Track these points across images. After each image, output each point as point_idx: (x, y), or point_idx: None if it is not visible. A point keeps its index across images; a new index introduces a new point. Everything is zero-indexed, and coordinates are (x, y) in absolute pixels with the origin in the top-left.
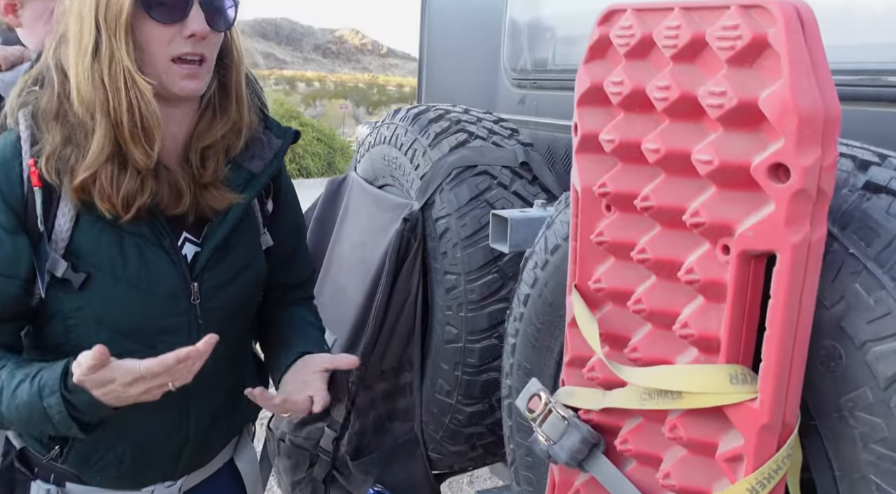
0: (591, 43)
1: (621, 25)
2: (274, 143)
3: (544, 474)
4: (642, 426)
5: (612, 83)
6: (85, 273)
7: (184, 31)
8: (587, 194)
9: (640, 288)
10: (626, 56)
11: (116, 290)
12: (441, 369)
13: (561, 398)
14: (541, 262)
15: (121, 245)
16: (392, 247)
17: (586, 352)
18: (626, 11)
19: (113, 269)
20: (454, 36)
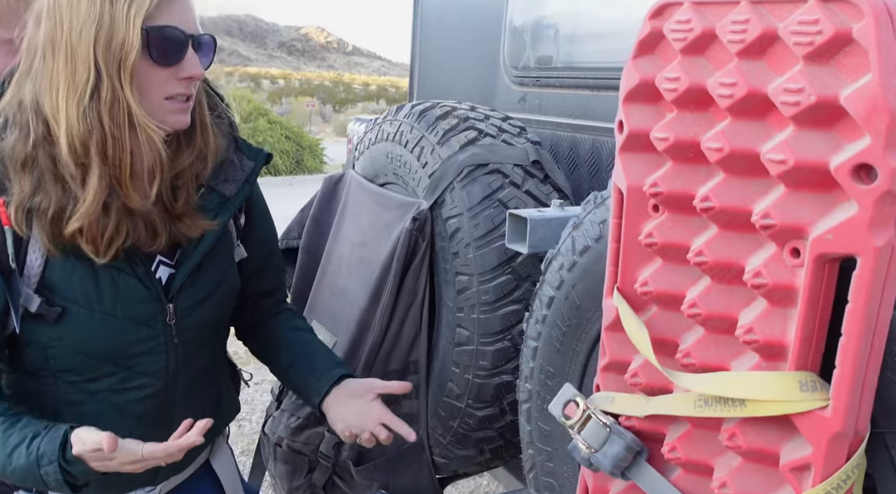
0: (641, 37)
1: (677, 19)
2: (246, 165)
3: (567, 480)
4: (691, 433)
5: (667, 79)
6: (60, 306)
7: (180, 73)
8: (633, 194)
9: (694, 291)
10: (683, 51)
11: (93, 320)
12: (451, 372)
13: (599, 404)
14: (568, 264)
15: (94, 277)
16: (400, 247)
17: (625, 357)
18: (683, 5)
19: (88, 301)
20: (449, 34)
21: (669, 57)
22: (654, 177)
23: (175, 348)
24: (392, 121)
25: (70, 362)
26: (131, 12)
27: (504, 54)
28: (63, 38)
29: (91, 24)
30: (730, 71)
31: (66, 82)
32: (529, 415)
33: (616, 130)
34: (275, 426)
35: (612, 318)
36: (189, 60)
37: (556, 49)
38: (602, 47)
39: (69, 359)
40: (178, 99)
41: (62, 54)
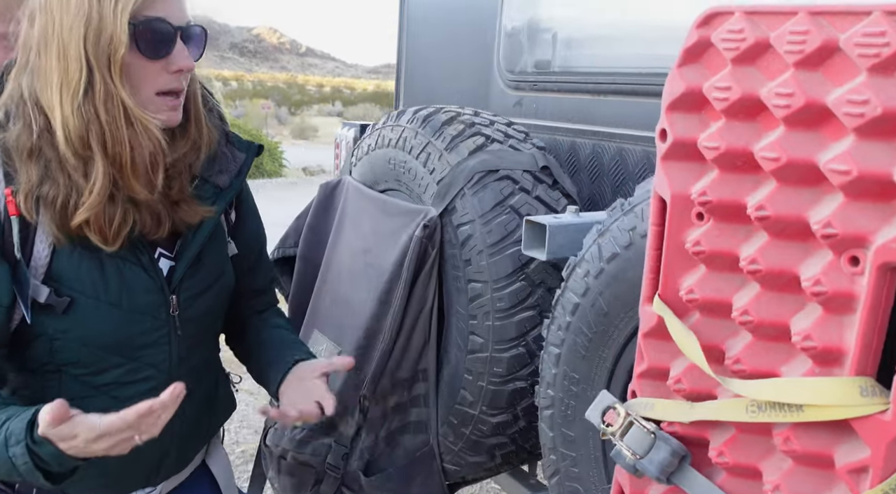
0: (688, 46)
1: (729, 29)
2: (238, 157)
3: (593, 484)
4: (737, 437)
5: (717, 88)
6: (68, 297)
7: (170, 66)
8: (677, 202)
9: (743, 298)
10: (734, 61)
11: (99, 311)
12: (463, 379)
13: (637, 410)
14: (595, 271)
15: (101, 268)
16: (410, 254)
17: (664, 363)
18: (735, 15)
19: (95, 292)
20: (437, 36)
21: (716, 65)
22: (702, 185)
23: (178, 340)
24: (394, 127)
25: (76, 354)
26: (118, 7)
27: (499, 58)
28: (55, 35)
29: (80, 21)
30: (786, 81)
31: (60, 78)
32: (552, 421)
33: (658, 139)
34: (277, 438)
35: (651, 325)
36: (178, 53)
37: (555, 53)
38: (603, 52)
39: (75, 352)
40: (170, 96)
41: (54, 50)
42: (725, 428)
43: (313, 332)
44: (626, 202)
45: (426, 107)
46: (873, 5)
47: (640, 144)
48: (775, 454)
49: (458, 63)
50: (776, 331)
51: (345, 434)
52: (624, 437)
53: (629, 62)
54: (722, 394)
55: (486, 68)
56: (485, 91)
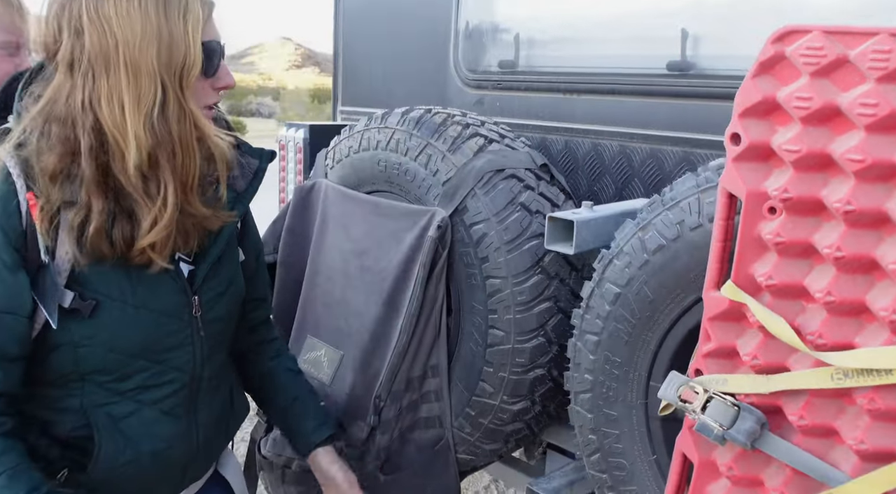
0: (763, 59)
1: (808, 45)
2: (251, 163)
3: (638, 457)
4: (812, 401)
5: (797, 98)
6: (93, 300)
7: (217, 83)
8: (752, 198)
9: (822, 280)
10: (813, 74)
11: (126, 314)
12: (483, 372)
13: (711, 385)
14: (638, 262)
15: (126, 270)
16: (425, 255)
17: (730, 342)
18: (813, 32)
19: (122, 294)
20: (379, 35)
21: (786, 77)
22: (779, 183)
23: (201, 341)
24: (382, 129)
25: (101, 361)
26: (189, 27)
27: (457, 57)
28: (120, 53)
29: (152, 40)
30: (869, 92)
31: (131, 97)
32: (592, 403)
33: (728, 142)
34: (279, 448)
35: (719, 309)
36: (223, 70)
37: (520, 53)
38: (576, 52)
39: (100, 358)
40: (208, 109)
41: (122, 69)
42: (799, 395)
43: (306, 338)
44: (662, 199)
45: (414, 109)
46: None
47: (617, 140)
48: (847, 413)
49: (406, 61)
50: (852, 308)
51: (355, 436)
52: (705, 412)
53: (603, 62)
54: (795, 366)
55: (439, 66)
56: (439, 89)
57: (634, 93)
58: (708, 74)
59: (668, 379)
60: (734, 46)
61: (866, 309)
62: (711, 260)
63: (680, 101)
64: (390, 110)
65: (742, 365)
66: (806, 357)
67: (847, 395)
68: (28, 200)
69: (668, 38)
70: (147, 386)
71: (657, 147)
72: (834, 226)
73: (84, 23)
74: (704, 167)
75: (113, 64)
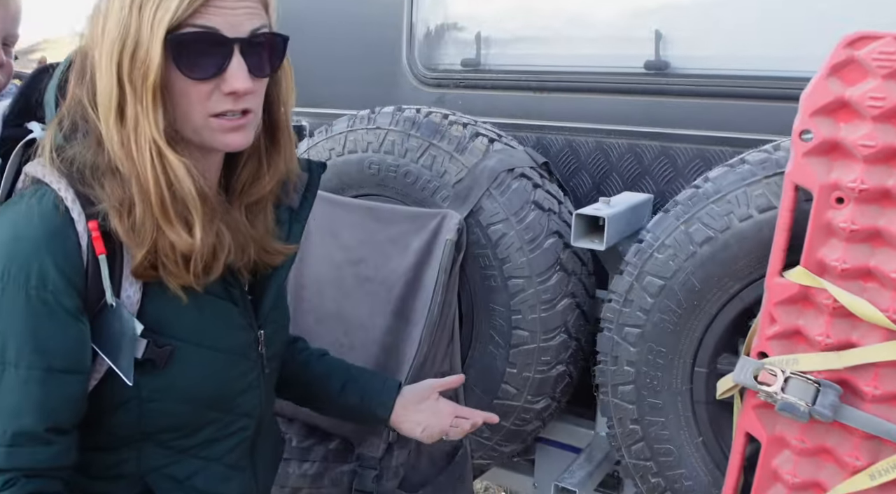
0: (835, 62)
1: (881, 50)
2: (301, 176)
3: (685, 442)
4: (880, 372)
5: (872, 98)
6: (168, 346)
7: (223, 86)
8: (823, 190)
9: (892, 263)
10: (885, 76)
11: (202, 358)
12: (506, 373)
13: (786, 366)
14: (684, 255)
15: (198, 306)
16: (446, 259)
17: (794, 324)
18: (887, 38)
19: (197, 336)
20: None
21: (854, 78)
22: (852, 175)
23: (265, 380)
24: (370, 130)
25: (169, 418)
26: (155, 19)
27: (412, 55)
28: (95, 48)
29: (116, 33)
30: None
31: (101, 96)
32: (636, 394)
33: (796, 137)
34: (282, 478)
35: (786, 294)
36: (233, 71)
37: (489, 51)
38: (550, 51)
39: (170, 414)
40: (225, 116)
41: (96, 64)
42: (868, 368)
43: None
44: (703, 192)
45: (403, 109)
46: None
47: (593, 136)
48: None
49: (350, 59)
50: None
51: (368, 455)
52: (786, 392)
53: (579, 61)
54: (861, 341)
55: (389, 65)
56: (389, 88)
57: (612, 90)
58: (684, 73)
59: (740, 364)
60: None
61: None
62: (775, 248)
63: (657, 98)
64: (376, 110)
65: (803, 343)
66: (872, 332)
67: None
68: (91, 231)
69: (644, 38)
70: (215, 439)
71: (635, 142)
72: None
73: (90, 17)
74: (740, 160)
75: (89, 60)
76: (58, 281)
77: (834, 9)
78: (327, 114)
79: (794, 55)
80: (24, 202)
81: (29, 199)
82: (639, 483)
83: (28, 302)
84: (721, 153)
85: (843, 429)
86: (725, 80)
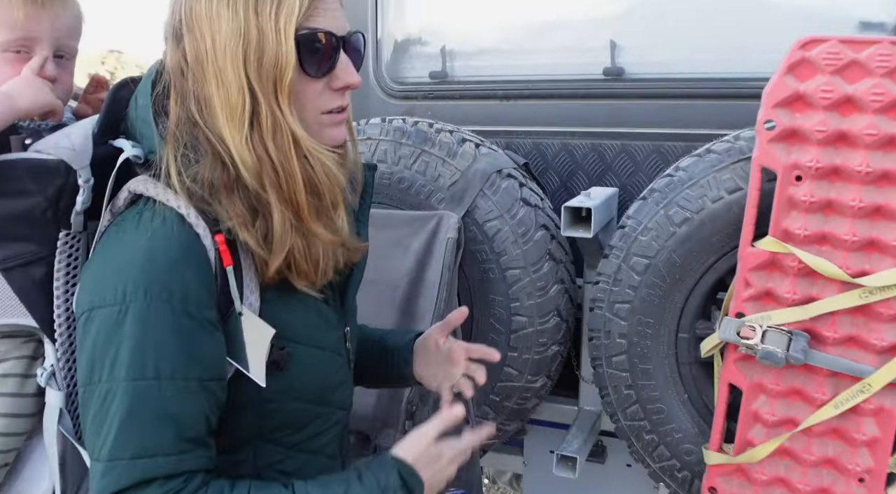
0: (791, 61)
1: (828, 51)
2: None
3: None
4: (836, 320)
5: (822, 91)
6: (287, 348)
7: (334, 83)
8: (786, 170)
9: (843, 226)
10: (832, 72)
11: (313, 358)
12: (508, 357)
13: (762, 322)
14: (665, 235)
15: (306, 307)
16: (449, 256)
17: (765, 286)
18: (832, 41)
19: (311, 337)
20: None
21: (805, 75)
22: (810, 156)
23: (351, 373)
24: (361, 141)
25: (284, 416)
26: (280, 21)
27: (378, 70)
28: (208, 56)
29: (237, 39)
30: (878, 85)
31: (223, 107)
32: (628, 363)
33: (761, 127)
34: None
35: (758, 260)
36: (342, 67)
37: (456, 63)
38: (514, 62)
39: (285, 413)
40: (334, 111)
41: (211, 75)
42: (827, 317)
43: None
44: (676, 178)
45: (392, 119)
46: None
47: (559, 138)
48: (864, 323)
49: None
50: (867, 244)
51: (384, 446)
52: (764, 343)
53: (542, 70)
54: (821, 295)
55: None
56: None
57: (574, 95)
58: (638, 78)
59: (724, 324)
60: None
61: (875, 243)
62: (747, 223)
63: (616, 101)
64: (363, 123)
65: (773, 302)
66: (829, 287)
67: (861, 310)
68: (218, 244)
69: (600, 47)
70: (318, 433)
71: (597, 142)
72: (849, 185)
73: (183, 28)
74: (707, 150)
75: (204, 70)
76: (198, 294)
77: (765, 19)
78: None
79: (734, 58)
80: (143, 222)
81: (150, 219)
82: (635, 442)
83: (175, 318)
84: (675, 147)
85: (809, 371)
86: (675, 83)
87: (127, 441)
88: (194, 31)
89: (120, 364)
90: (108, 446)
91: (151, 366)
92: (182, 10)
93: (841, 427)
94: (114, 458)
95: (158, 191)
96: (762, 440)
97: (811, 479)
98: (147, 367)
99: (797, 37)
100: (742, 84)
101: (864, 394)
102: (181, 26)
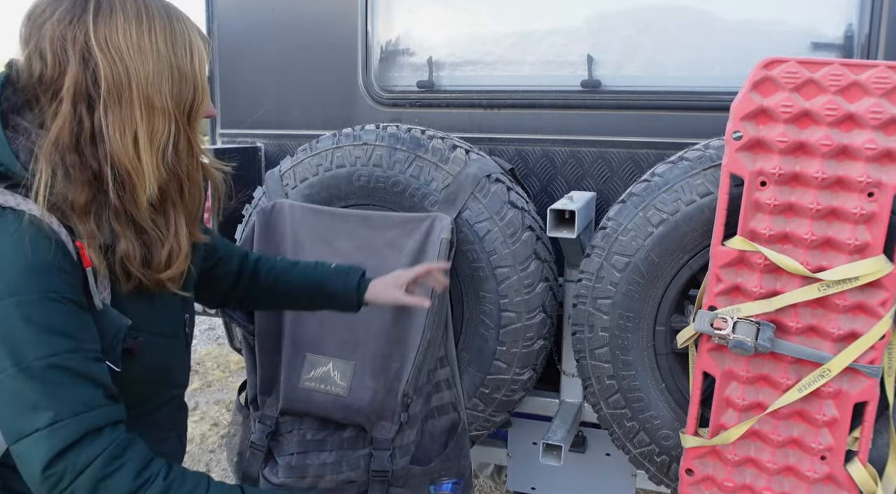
0: (755, 79)
1: (787, 70)
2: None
3: (653, 389)
4: (798, 311)
5: (783, 106)
6: (139, 337)
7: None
8: (752, 176)
9: (802, 227)
10: (791, 89)
11: (157, 344)
12: (497, 352)
13: (732, 314)
14: (643, 235)
15: (152, 301)
16: (442, 255)
17: (734, 281)
18: (791, 61)
19: (150, 325)
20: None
21: (767, 91)
22: (771, 164)
23: (188, 355)
24: (357, 147)
25: (136, 396)
26: (195, 63)
27: (367, 78)
28: (133, 88)
29: (165, 76)
30: (830, 101)
31: (145, 132)
32: (610, 354)
33: (729, 137)
34: (299, 470)
35: (728, 258)
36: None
37: (440, 73)
38: (498, 73)
39: (132, 392)
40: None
41: (136, 104)
42: (789, 309)
43: (305, 357)
44: (653, 184)
45: (385, 126)
46: (878, 62)
47: (540, 146)
48: (822, 314)
49: (303, 82)
50: (824, 242)
51: (380, 438)
52: (735, 333)
53: (525, 81)
54: (784, 288)
55: (344, 87)
56: (344, 109)
57: (554, 106)
58: (614, 90)
59: (698, 316)
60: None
61: (831, 242)
62: (717, 224)
63: (593, 112)
64: (358, 129)
65: (741, 296)
66: (791, 281)
67: (820, 302)
68: (78, 248)
69: (578, 61)
70: (156, 408)
71: (576, 149)
72: (807, 190)
73: (94, 52)
74: (680, 157)
75: (126, 99)
76: (71, 285)
77: (731, 38)
78: (287, 136)
79: (703, 73)
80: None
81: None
82: (616, 429)
83: (54, 306)
84: (648, 155)
85: (774, 358)
86: (648, 95)
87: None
88: (113, 59)
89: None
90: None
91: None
92: (91, 36)
93: (804, 409)
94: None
95: (19, 201)
96: (733, 423)
97: (778, 458)
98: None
99: (760, 55)
100: (709, 97)
101: (823, 379)
102: (88, 50)
